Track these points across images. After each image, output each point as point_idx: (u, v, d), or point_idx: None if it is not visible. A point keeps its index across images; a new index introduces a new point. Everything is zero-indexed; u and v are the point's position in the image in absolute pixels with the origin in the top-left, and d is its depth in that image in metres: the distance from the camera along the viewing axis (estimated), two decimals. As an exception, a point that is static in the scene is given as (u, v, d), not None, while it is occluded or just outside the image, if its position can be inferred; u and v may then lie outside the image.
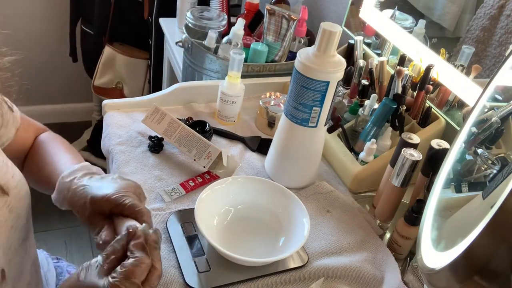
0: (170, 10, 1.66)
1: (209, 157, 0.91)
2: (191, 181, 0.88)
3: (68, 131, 2.30)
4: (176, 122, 0.93)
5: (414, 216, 0.77)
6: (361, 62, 1.04)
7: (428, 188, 0.78)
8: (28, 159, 0.77)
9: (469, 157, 0.65)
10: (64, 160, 0.71)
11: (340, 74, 0.81)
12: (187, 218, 0.80)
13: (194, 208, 0.75)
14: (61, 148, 0.76)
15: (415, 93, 0.96)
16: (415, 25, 1.08)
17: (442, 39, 1.05)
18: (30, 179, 0.72)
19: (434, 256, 0.55)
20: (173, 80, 1.69)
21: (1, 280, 0.56)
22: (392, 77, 0.97)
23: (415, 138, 0.82)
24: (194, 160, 0.92)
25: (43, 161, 0.73)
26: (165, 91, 1.09)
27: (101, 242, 0.56)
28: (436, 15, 1.06)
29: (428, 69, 0.93)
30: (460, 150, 0.66)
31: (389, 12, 1.14)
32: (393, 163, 0.83)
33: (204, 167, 0.91)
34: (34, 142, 0.78)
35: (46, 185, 0.70)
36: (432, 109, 0.96)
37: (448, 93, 0.96)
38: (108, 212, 0.59)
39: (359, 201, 0.92)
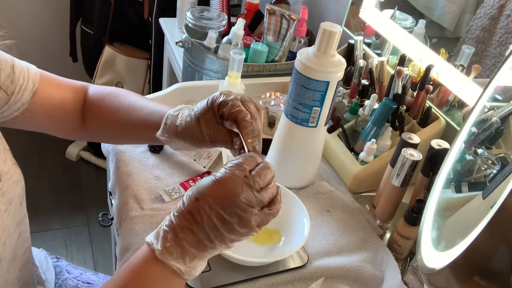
0: (170, 10, 1.66)
1: (209, 157, 0.91)
2: (191, 181, 0.88)
3: (68, 131, 2.30)
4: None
5: (414, 216, 0.77)
6: (361, 62, 1.04)
7: (428, 188, 0.78)
8: (98, 115, 0.77)
9: (469, 157, 0.65)
10: (155, 104, 0.74)
11: (340, 74, 0.81)
12: (187, 218, 0.80)
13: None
14: (138, 97, 0.78)
15: (415, 93, 0.96)
16: (415, 25, 1.08)
17: (442, 39, 1.05)
18: (108, 132, 0.77)
19: (434, 256, 0.55)
20: (173, 80, 1.69)
21: None
22: (392, 77, 0.97)
23: (415, 138, 0.82)
24: (194, 160, 0.92)
25: (129, 110, 0.74)
26: (165, 91, 1.09)
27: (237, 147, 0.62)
28: (436, 15, 1.06)
29: (428, 69, 0.93)
30: (460, 150, 0.66)
31: (389, 12, 1.14)
32: (393, 163, 0.83)
33: (204, 167, 0.91)
34: (93, 100, 0.77)
35: (140, 128, 0.73)
36: (432, 109, 0.96)
37: (448, 93, 0.96)
38: (218, 119, 0.63)
39: (359, 201, 0.92)
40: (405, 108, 0.94)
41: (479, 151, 0.64)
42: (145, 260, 0.53)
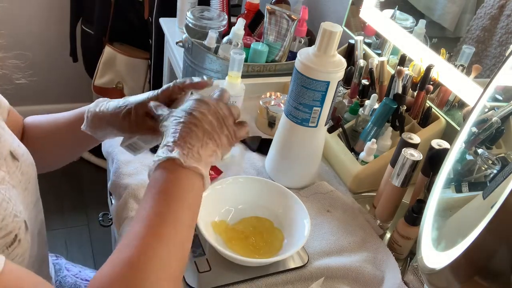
0: (170, 10, 1.66)
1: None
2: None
3: (68, 131, 2.30)
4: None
5: (414, 216, 0.77)
6: (362, 62, 1.04)
7: (428, 188, 0.78)
8: (32, 133, 0.79)
9: (469, 157, 0.65)
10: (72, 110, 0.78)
11: (340, 74, 0.81)
12: (187, 218, 0.80)
13: (194, 208, 0.75)
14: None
15: (415, 93, 0.96)
16: (416, 25, 1.08)
17: (442, 39, 1.05)
18: (42, 146, 0.78)
19: (435, 256, 0.55)
20: (173, 80, 1.69)
21: (25, 230, 0.60)
22: (393, 77, 0.97)
23: (416, 138, 0.82)
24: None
25: (56, 120, 0.78)
26: (165, 91, 1.09)
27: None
28: (437, 15, 1.06)
29: (429, 69, 0.93)
30: (461, 150, 0.66)
31: (389, 12, 1.14)
32: (393, 163, 0.83)
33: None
34: (28, 122, 0.80)
35: (64, 130, 0.77)
36: (433, 109, 0.96)
37: (449, 93, 0.96)
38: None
39: (359, 201, 0.92)
40: (405, 108, 0.94)
41: (479, 151, 0.64)
42: (167, 175, 0.56)
